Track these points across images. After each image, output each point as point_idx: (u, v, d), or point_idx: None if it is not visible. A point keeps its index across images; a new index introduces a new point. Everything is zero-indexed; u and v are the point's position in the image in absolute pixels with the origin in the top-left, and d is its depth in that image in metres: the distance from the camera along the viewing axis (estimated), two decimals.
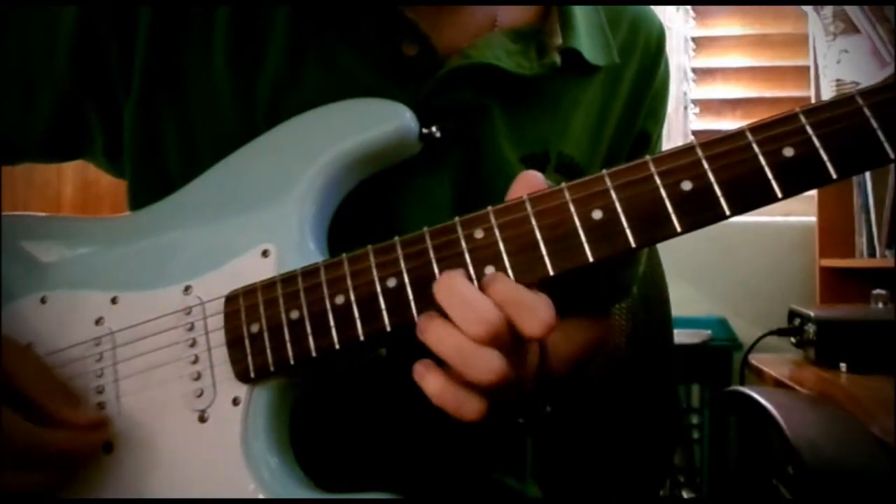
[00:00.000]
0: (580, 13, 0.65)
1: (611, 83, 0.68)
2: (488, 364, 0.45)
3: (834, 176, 0.43)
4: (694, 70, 2.11)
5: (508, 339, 0.46)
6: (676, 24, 2.10)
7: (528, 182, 0.50)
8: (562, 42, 0.63)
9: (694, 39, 2.12)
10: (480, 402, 0.46)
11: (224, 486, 0.51)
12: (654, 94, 0.72)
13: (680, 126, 2.08)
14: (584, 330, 0.73)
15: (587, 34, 0.65)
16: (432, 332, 0.46)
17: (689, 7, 2.11)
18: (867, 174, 1.71)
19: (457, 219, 0.49)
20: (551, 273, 0.47)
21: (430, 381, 0.46)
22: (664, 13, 2.08)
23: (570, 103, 0.65)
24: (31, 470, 0.51)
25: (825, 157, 0.43)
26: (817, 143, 0.43)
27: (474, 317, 0.45)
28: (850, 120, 0.43)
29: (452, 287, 0.46)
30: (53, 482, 0.53)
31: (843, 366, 1.26)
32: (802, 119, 0.44)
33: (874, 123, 0.42)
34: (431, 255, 0.48)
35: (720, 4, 2.10)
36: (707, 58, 2.12)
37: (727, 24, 2.12)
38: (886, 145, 0.42)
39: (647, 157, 0.46)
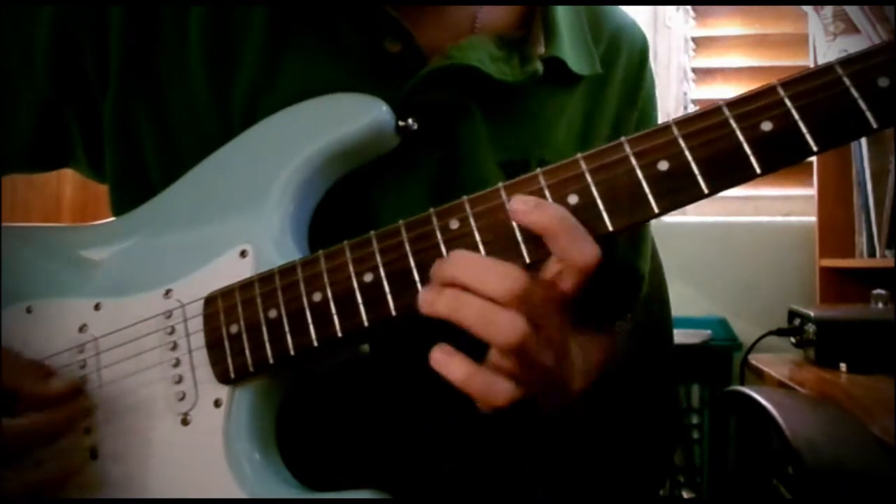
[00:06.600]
0: (563, 22, 0.65)
1: (594, 93, 0.67)
2: (512, 323, 0.43)
3: (815, 149, 0.42)
4: (694, 70, 2.11)
5: (535, 301, 0.44)
6: (676, 24, 2.10)
7: None
8: (545, 51, 0.62)
9: (694, 39, 2.11)
10: (509, 386, 0.44)
11: (207, 488, 0.51)
12: (643, 107, 0.72)
13: None
14: (604, 345, 0.72)
15: (570, 43, 0.64)
16: (444, 302, 0.44)
17: (689, 7, 2.11)
18: (867, 174, 1.70)
19: (432, 210, 0.48)
20: (528, 261, 0.46)
21: (456, 366, 0.44)
22: (664, 13, 2.08)
23: (553, 112, 0.65)
24: (25, 467, 0.51)
25: (804, 130, 0.42)
26: (796, 116, 0.42)
27: (497, 275, 0.43)
28: (829, 90, 0.41)
29: (464, 257, 0.45)
30: (55, 473, 0.52)
31: (843, 366, 1.26)
32: (781, 92, 0.43)
33: (855, 93, 0.41)
34: (407, 247, 0.48)
35: (720, 4, 2.10)
36: (707, 58, 2.12)
37: (727, 24, 2.11)
38: (868, 114, 0.41)
39: (623, 139, 0.45)
